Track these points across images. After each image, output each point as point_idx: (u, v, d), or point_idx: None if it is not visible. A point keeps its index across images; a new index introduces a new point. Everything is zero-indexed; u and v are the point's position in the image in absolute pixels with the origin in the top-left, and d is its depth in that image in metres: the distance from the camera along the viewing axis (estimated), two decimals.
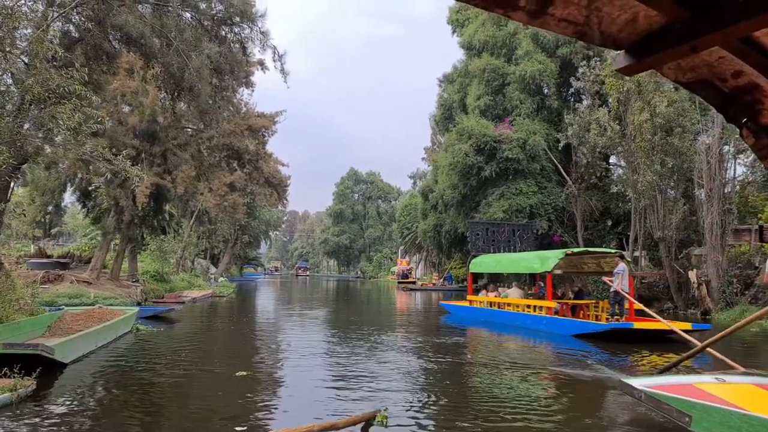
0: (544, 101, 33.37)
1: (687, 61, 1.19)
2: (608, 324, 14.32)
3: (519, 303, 18.14)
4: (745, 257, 22.71)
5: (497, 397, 7.77)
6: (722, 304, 21.43)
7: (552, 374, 9.71)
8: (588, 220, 31.13)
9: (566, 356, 11.85)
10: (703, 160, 22.80)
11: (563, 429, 6.29)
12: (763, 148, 1.32)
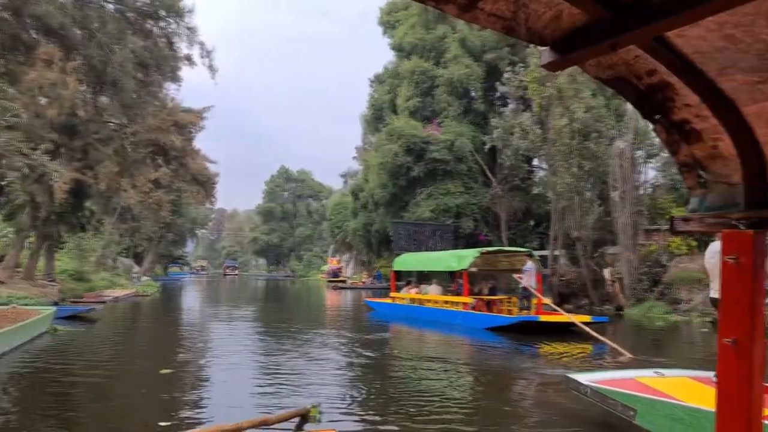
0: (471, 104, 34.32)
1: (607, 58, 1.22)
2: (517, 317, 15.51)
3: (438, 299, 19.19)
4: (654, 256, 24.23)
5: (426, 390, 8.05)
6: (633, 299, 22.80)
7: (476, 368, 10.19)
8: (512, 219, 32.25)
9: (483, 349, 12.62)
10: (616, 163, 24.17)
11: (485, 420, 6.67)
12: (674, 143, 1.36)
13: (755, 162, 1.28)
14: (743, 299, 1.28)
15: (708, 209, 1.36)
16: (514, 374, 9.76)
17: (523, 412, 7.22)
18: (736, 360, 1.27)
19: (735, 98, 1.22)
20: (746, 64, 1.13)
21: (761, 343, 1.27)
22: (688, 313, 20.02)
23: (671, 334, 17.07)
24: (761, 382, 1.26)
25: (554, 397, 8.11)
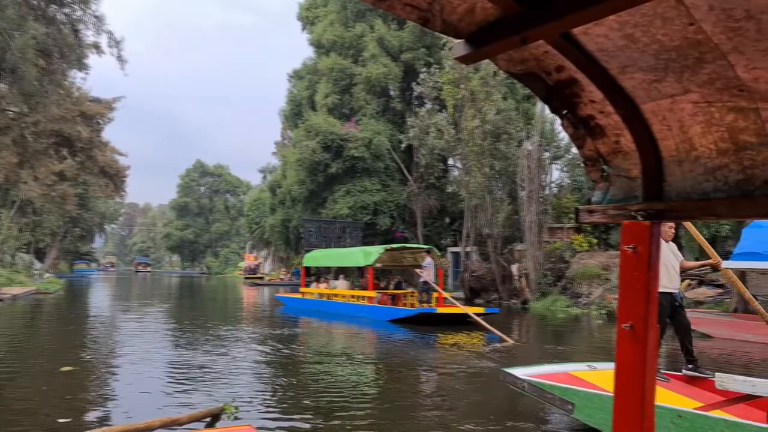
0: (389, 103, 34.81)
1: (518, 53, 1.24)
2: (417, 309, 16.63)
3: (345, 293, 20.26)
4: (558, 252, 25.58)
5: (339, 384, 8.22)
6: (539, 294, 24.00)
7: (385, 361, 10.54)
8: (427, 217, 33.02)
9: (389, 341, 13.26)
10: (524, 164, 25.34)
11: (394, 413, 6.98)
12: (579, 138, 1.39)
13: (652, 157, 1.32)
14: (640, 286, 1.33)
15: (610, 201, 1.40)
16: (421, 365, 10.19)
17: (435, 405, 7.57)
18: (632, 344, 1.32)
19: (634, 96, 1.26)
20: (644, 63, 1.17)
21: (654, 328, 1.33)
22: (587, 306, 21.29)
23: (572, 325, 18.17)
24: (654, 364, 1.33)
25: (461, 387, 8.58)
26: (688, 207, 1.29)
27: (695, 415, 4.73)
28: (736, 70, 1.09)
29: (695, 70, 1.13)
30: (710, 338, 13.82)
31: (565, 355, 12.28)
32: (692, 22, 1.02)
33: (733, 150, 1.21)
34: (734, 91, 1.13)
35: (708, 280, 20.41)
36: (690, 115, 1.23)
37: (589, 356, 12.00)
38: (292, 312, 20.64)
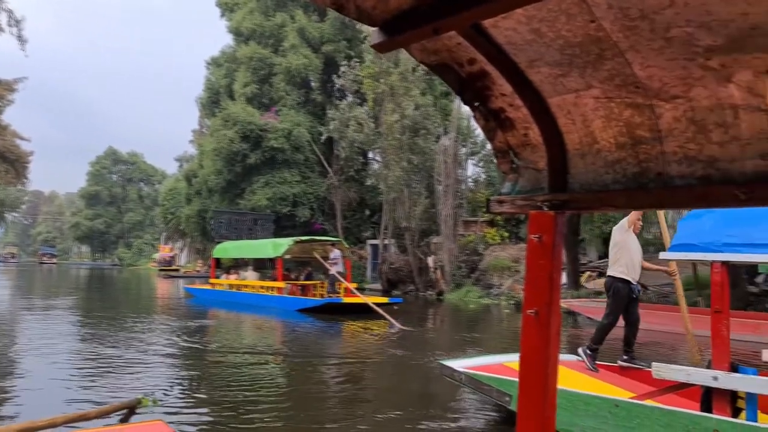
0: (310, 95, 34.64)
1: (432, 43, 1.24)
2: (324, 299, 17.35)
3: (254, 284, 20.79)
4: (472, 245, 26.46)
5: (252, 376, 8.19)
6: (453, 285, 24.75)
7: (291, 352, 10.66)
8: (347, 209, 33.21)
9: (298, 330, 13.72)
10: (441, 159, 26.00)
11: (297, 403, 7.10)
12: (490, 130, 1.41)
13: (558, 150, 1.35)
14: (544, 274, 1.36)
15: (519, 192, 1.42)
16: (331, 356, 10.41)
17: (347, 395, 7.74)
18: (537, 329, 1.35)
19: (541, 89, 1.28)
20: (550, 58, 1.19)
21: (557, 314, 1.37)
22: (498, 297, 22.19)
23: (483, 314, 18.97)
24: (557, 349, 1.36)
25: (371, 375, 8.83)
26: (589, 198, 1.33)
27: (631, 405, 4.86)
28: (632, 68, 1.12)
29: (596, 66, 1.16)
30: None
31: (476, 342, 12.88)
32: (593, 19, 1.06)
33: (631, 144, 1.25)
34: (631, 87, 1.17)
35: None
36: (592, 110, 1.26)
37: (498, 343, 12.67)
38: (202, 303, 20.70)
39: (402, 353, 10.84)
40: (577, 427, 5.07)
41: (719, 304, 4.76)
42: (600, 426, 4.92)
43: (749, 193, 1.08)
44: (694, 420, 4.46)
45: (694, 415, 4.53)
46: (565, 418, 5.12)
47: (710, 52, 1.02)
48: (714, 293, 4.83)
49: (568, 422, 5.11)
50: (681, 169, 1.19)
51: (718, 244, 4.81)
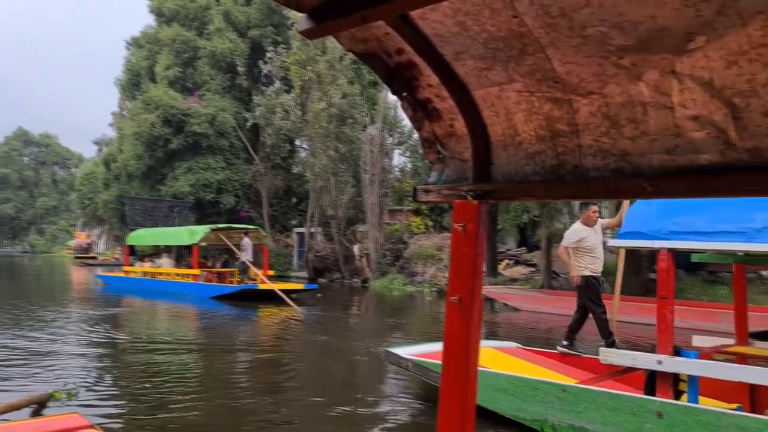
0: (235, 80, 33.94)
1: (360, 32, 1.24)
2: (240, 286, 17.73)
3: (170, 272, 20.96)
4: (397, 234, 26.87)
5: (169, 369, 8.10)
6: (378, 273, 25.08)
7: (203, 340, 10.61)
8: (274, 197, 32.90)
9: (214, 319, 13.58)
10: (368, 148, 26.20)
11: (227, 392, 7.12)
12: (418, 120, 1.42)
13: (482, 141, 1.37)
14: (468, 262, 1.38)
15: (445, 182, 1.44)
16: (248, 343, 10.44)
17: (269, 383, 7.78)
18: (460, 316, 1.38)
19: (467, 82, 1.30)
20: (475, 51, 1.21)
21: (480, 301, 1.40)
22: (421, 284, 22.69)
23: (407, 301, 19.41)
24: (478, 334, 1.40)
25: (292, 362, 8.93)
26: (510, 188, 1.36)
27: (579, 389, 4.96)
28: (552, 63, 1.15)
29: (519, 60, 1.18)
30: (518, 311, 15.54)
31: (399, 327, 13.22)
32: (516, 15, 1.08)
33: (550, 137, 1.28)
34: (551, 82, 1.19)
35: (523, 260, 22.71)
36: (515, 103, 1.28)
37: (421, 328, 13.08)
38: (116, 291, 20.54)
39: (326, 339, 11.03)
40: (525, 413, 5.17)
41: (665, 291, 4.85)
42: (548, 411, 5.02)
43: (656, 185, 1.14)
44: (639, 403, 4.61)
45: (639, 398, 4.70)
46: (514, 404, 5.23)
47: (622, 51, 1.06)
48: (660, 280, 4.93)
49: (516, 408, 5.22)
50: (596, 162, 1.23)
51: (664, 232, 4.89)
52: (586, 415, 4.80)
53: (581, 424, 4.83)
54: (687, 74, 1.03)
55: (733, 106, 1.02)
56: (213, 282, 19.08)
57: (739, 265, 5.91)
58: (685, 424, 4.33)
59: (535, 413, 5.10)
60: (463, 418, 1.39)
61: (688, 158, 1.11)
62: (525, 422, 5.15)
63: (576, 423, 4.86)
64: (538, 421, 5.08)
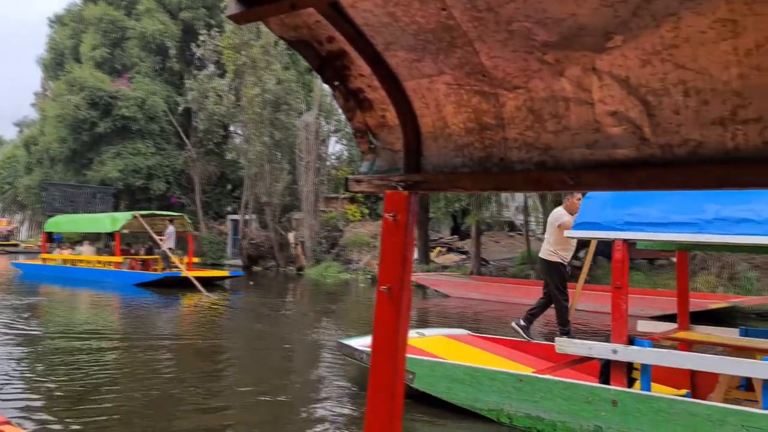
0: (166, 62, 32.90)
1: (290, 19, 1.22)
2: (163, 273, 17.67)
3: (90, 259, 20.59)
4: (333, 222, 26.94)
5: (90, 362, 7.84)
6: (313, 260, 25.11)
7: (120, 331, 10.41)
8: (207, 183, 32.25)
9: (137, 308, 13.50)
10: (303, 136, 26.08)
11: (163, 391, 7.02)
12: (350, 110, 1.41)
13: (413, 132, 1.38)
14: (398, 252, 1.40)
15: (376, 172, 1.45)
16: (173, 333, 10.32)
17: (196, 376, 7.71)
18: (389, 305, 1.39)
19: (398, 73, 1.30)
20: (405, 42, 1.21)
21: (408, 290, 1.42)
22: (356, 272, 22.90)
23: (341, 288, 19.62)
24: (407, 323, 1.41)
25: (222, 351, 8.88)
26: (440, 179, 1.38)
27: (535, 379, 5.03)
28: (480, 57, 1.16)
29: (448, 53, 1.18)
30: (448, 297, 15.97)
31: (333, 314, 13.36)
32: (444, 7, 1.08)
33: (478, 130, 1.29)
34: (479, 76, 1.20)
35: (455, 247, 23.26)
36: (444, 96, 1.29)
37: (355, 315, 13.24)
38: (33, 279, 20.00)
39: (259, 327, 11.03)
40: (481, 403, 5.20)
41: (620, 281, 4.89)
42: (504, 400, 5.05)
43: (576, 178, 1.17)
44: (594, 392, 4.71)
45: (594, 387, 4.81)
46: (470, 395, 5.25)
47: (546, 47, 1.08)
48: (615, 270, 4.96)
49: (473, 398, 5.24)
50: (520, 154, 1.25)
51: (620, 222, 4.92)
52: (542, 404, 4.87)
53: (537, 413, 4.90)
54: (606, 71, 1.06)
55: (647, 104, 1.06)
56: (136, 269, 18.82)
57: (682, 253, 6.06)
58: (639, 411, 4.43)
59: (491, 403, 5.13)
60: (392, 405, 1.39)
61: (606, 153, 1.14)
62: (481, 412, 5.18)
63: (532, 412, 4.92)
64: (494, 411, 5.12)
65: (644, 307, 12.23)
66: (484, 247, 20.84)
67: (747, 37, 0.90)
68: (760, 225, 4.26)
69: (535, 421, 4.92)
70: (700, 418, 4.19)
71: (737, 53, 0.93)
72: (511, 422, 5.03)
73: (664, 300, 12.63)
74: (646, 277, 15.33)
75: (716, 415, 4.15)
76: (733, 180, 1.02)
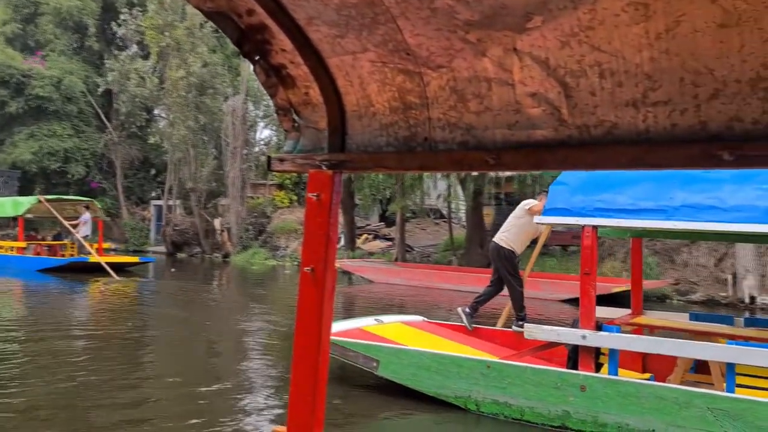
0: (85, 41, 31.45)
1: None
2: (68, 259, 17.27)
3: None
4: (260, 208, 26.72)
5: None
6: (240, 247, 24.86)
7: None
8: (129, 168, 31.22)
9: (42, 296, 13.09)
10: (230, 120, 25.67)
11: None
12: (272, 86, 1.37)
13: (337, 110, 1.35)
14: (321, 232, 1.38)
15: (300, 151, 1.41)
16: (80, 322, 10.02)
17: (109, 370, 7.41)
18: (313, 286, 1.38)
19: (320, 49, 1.26)
20: (328, 17, 1.17)
21: (333, 271, 1.40)
22: (283, 258, 22.87)
23: (268, 275, 19.59)
24: (331, 304, 1.40)
25: (133, 341, 8.72)
26: (364, 159, 1.36)
27: (503, 365, 4.99)
28: (403, 35, 1.14)
29: (371, 30, 1.16)
30: (372, 283, 16.27)
31: (260, 300, 13.33)
32: None
33: (402, 109, 1.28)
34: (403, 54, 1.18)
35: (382, 234, 23.61)
36: (368, 73, 1.27)
37: (281, 301, 13.28)
38: None
39: (181, 314, 10.85)
40: (448, 390, 5.12)
41: (588, 267, 4.85)
42: (472, 387, 5.00)
43: (497, 159, 1.17)
44: (562, 377, 4.71)
45: (563, 373, 4.81)
46: (437, 382, 5.16)
47: (468, 26, 1.06)
48: (584, 256, 4.93)
49: (440, 385, 5.16)
50: (444, 134, 1.25)
51: (589, 209, 4.88)
52: (510, 391, 4.84)
53: (505, 400, 4.87)
54: (526, 52, 1.06)
55: (565, 85, 1.07)
56: (43, 255, 18.23)
57: (637, 239, 6.10)
58: (607, 396, 4.46)
59: (458, 390, 5.08)
60: (315, 387, 1.38)
61: (526, 133, 1.15)
62: (448, 399, 5.13)
63: (500, 399, 4.89)
64: (461, 398, 5.07)
65: (554, 291, 12.94)
66: (410, 234, 21.30)
67: (657, 21, 0.92)
68: (725, 212, 4.29)
69: (502, 407, 4.89)
70: (667, 402, 4.26)
71: (648, 36, 0.95)
72: (478, 409, 5.00)
73: (572, 284, 13.38)
74: (558, 262, 16.12)
75: (683, 397, 4.22)
76: (645, 161, 1.04)
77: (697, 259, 14.56)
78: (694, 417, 4.15)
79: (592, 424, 4.51)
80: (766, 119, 0.94)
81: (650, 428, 4.32)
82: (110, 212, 29.29)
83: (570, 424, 4.61)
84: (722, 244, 13.97)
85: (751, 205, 4.25)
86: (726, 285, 13.76)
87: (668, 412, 4.24)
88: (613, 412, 4.43)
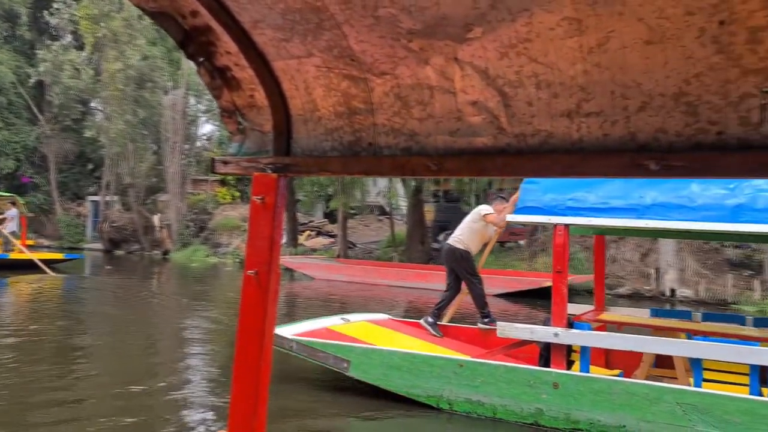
0: (16, 30, 30.12)
1: None
2: None
3: None
4: (201, 204, 26.33)
5: None
6: (180, 244, 24.45)
7: None
8: (63, 162, 30.14)
9: None
10: (170, 115, 25.17)
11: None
12: (216, 88, 1.37)
13: (282, 114, 1.36)
14: (265, 235, 1.37)
15: (245, 154, 1.41)
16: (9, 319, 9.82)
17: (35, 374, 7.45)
18: (256, 289, 1.36)
19: (266, 52, 1.26)
20: (273, 21, 1.18)
21: (276, 274, 1.39)
22: (225, 255, 22.65)
23: (208, 272, 19.36)
24: (274, 306, 1.40)
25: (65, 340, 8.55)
26: (309, 163, 1.36)
27: (476, 363, 5.00)
28: (348, 41, 1.15)
29: (316, 35, 1.17)
30: (313, 279, 16.40)
31: (199, 298, 13.20)
32: None
33: (347, 114, 1.29)
34: (348, 60, 1.19)
35: (326, 231, 23.73)
36: (314, 78, 1.27)
37: (221, 298, 13.22)
38: None
39: (117, 312, 10.69)
40: (419, 389, 5.11)
41: (560, 265, 4.86)
42: (444, 386, 5.00)
43: (439, 165, 1.19)
44: (535, 375, 4.74)
45: (535, 371, 4.82)
46: (408, 381, 5.14)
47: (411, 35, 1.08)
48: (556, 254, 4.94)
49: (411, 385, 5.13)
50: (388, 140, 1.27)
51: (561, 207, 4.89)
52: (483, 389, 4.85)
53: (478, 398, 4.88)
54: (467, 62, 1.09)
55: (504, 95, 1.10)
56: None
57: (600, 236, 6.17)
58: (580, 393, 4.52)
59: (430, 389, 5.06)
60: (257, 390, 1.37)
61: (467, 140, 1.17)
62: (419, 399, 5.11)
63: (473, 397, 4.90)
64: (433, 397, 5.06)
65: (489, 286, 13.38)
66: (353, 231, 21.48)
67: (590, 36, 0.96)
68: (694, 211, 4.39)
69: (475, 405, 4.90)
70: (638, 397, 4.35)
71: (582, 50, 0.98)
72: (450, 408, 5.00)
73: (505, 279, 13.90)
74: (495, 258, 16.62)
75: (653, 393, 4.32)
76: (578, 169, 1.08)
77: (624, 254, 15.33)
78: (664, 412, 4.26)
79: (565, 421, 4.59)
80: (687, 131, 0.98)
81: (621, 424, 4.41)
82: (43, 208, 28.24)
83: (543, 421, 4.68)
84: (646, 240, 14.76)
85: (718, 204, 4.37)
86: (650, 279, 14.56)
87: (639, 408, 4.34)
88: (585, 409, 4.51)
